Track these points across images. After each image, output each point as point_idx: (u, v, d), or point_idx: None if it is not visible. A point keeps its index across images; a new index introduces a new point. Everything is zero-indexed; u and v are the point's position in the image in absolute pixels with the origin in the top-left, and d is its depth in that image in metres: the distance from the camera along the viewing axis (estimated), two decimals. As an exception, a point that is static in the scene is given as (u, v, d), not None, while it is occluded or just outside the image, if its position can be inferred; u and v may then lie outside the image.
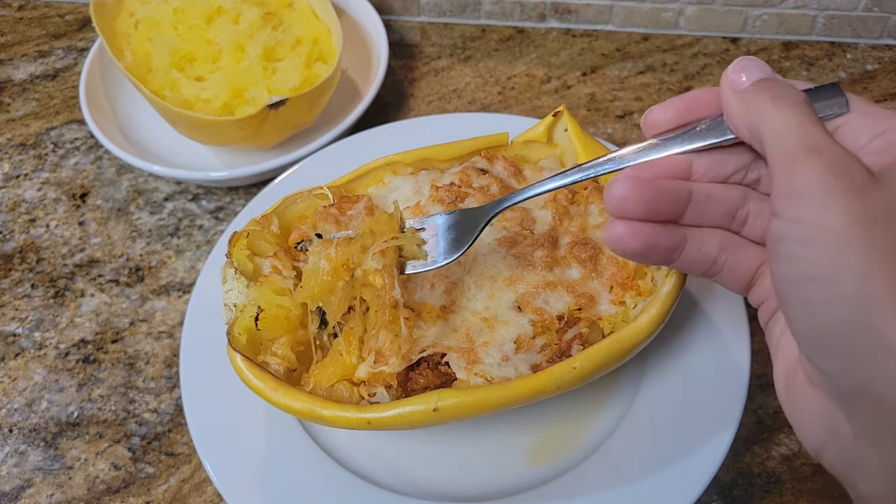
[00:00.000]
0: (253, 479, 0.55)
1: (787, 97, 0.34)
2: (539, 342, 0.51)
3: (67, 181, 0.82)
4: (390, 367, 0.49)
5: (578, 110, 0.85)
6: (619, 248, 0.38)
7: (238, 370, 0.51)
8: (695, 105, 0.39)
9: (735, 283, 0.40)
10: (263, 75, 0.75)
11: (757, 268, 0.39)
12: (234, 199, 0.79)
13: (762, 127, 0.34)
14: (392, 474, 0.56)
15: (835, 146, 0.32)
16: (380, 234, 0.51)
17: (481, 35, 0.93)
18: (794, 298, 0.32)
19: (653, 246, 0.38)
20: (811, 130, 0.33)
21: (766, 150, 0.34)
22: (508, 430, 0.58)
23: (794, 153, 0.32)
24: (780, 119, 0.33)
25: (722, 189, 0.39)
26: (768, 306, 0.39)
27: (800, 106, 0.34)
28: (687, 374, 0.57)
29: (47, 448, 0.63)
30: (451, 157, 0.62)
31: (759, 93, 0.35)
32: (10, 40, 0.97)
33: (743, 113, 0.35)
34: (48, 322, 0.71)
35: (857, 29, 0.88)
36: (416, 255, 0.51)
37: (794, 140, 0.32)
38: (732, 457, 0.59)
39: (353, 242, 0.51)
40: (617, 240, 0.38)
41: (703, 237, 0.39)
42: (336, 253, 0.51)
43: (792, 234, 0.32)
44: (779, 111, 0.34)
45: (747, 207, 0.39)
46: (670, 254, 0.38)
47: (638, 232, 0.37)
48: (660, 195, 0.37)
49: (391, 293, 0.49)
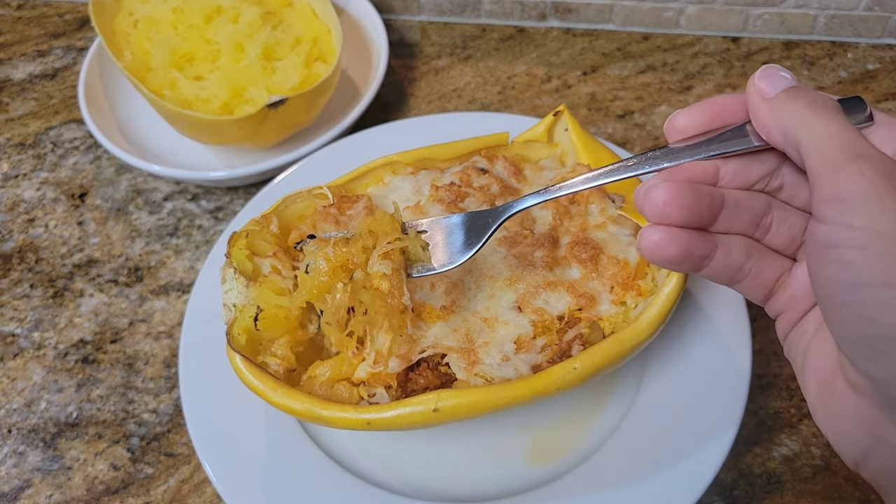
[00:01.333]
0: (253, 479, 0.54)
1: (824, 104, 0.34)
2: (539, 342, 0.51)
3: (66, 181, 0.82)
4: (390, 368, 0.49)
5: (579, 110, 0.84)
6: (655, 256, 0.37)
7: (237, 370, 0.50)
8: (720, 110, 0.39)
9: (756, 292, 0.39)
10: (263, 75, 0.75)
11: (778, 277, 0.39)
12: (233, 198, 0.79)
13: (800, 133, 0.34)
14: (392, 474, 0.56)
15: (879, 153, 0.32)
16: (382, 235, 0.49)
17: (481, 34, 0.93)
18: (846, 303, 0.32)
19: (689, 253, 0.37)
20: (853, 137, 0.33)
21: (806, 156, 0.34)
22: (508, 430, 0.58)
23: (840, 159, 0.32)
24: (820, 126, 0.33)
25: (748, 196, 0.38)
26: (789, 317, 0.39)
27: (838, 113, 0.34)
28: (687, 375, 0.57)
29: (46, 448, 0.63)
30: (451, 156, 0.62)
31: (794, 100, 0.35)
32: (9, 40, 0.97)
33: (777, 120, 0.35)
34: (47, 322, 0.71)
35: (858, 28, 0.88)
36: (419, 258, 0.49)
37: (838, 146, 0.33)
38: (733, 457, 0.59)
39: (353, 242, 0.49)
40: (655, 246, 0.37)
41: (732, 244, 0.38)
42: (334, 253, 0.49)
43: (844, 238, 0.32)
44: (818, 118, 0.34)
45: (771, 216, 0.39)
46: (702, 261, 0.38)
47: (676, 238, 0.37)
48: (700, 200, 0.37)
49: (401, 299, 0.48)
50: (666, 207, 0.36)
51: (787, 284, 0.39)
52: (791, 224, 0.38)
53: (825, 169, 0.33)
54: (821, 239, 0.33)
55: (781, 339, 0.40)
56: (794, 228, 0.38)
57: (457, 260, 0.48)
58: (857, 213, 0.31)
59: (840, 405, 0.35)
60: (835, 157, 0.32)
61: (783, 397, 0.62)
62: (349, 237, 0.50)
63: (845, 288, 0.32)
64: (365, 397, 0.50)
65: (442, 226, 0.50)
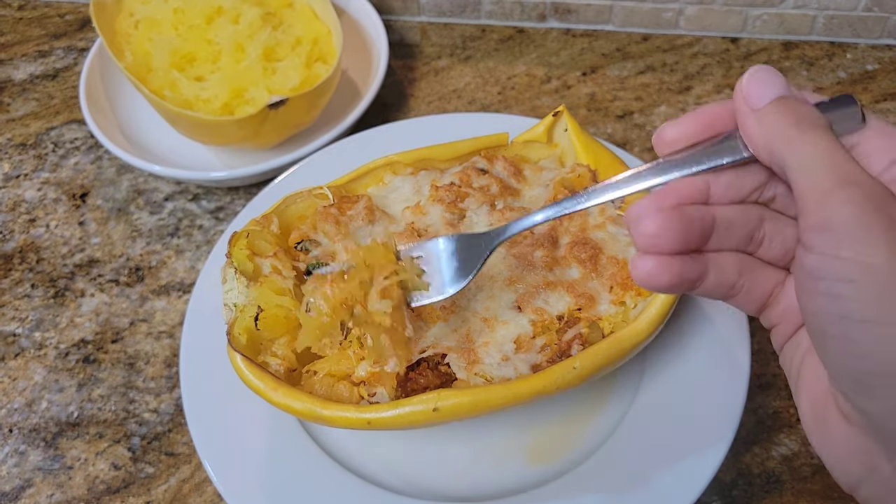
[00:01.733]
0: (253, 479, 0.55)
1: (812, 122, 0.33)
2: (539, 342, 0.51)
3: (67, 181, 0.82)
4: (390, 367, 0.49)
5: (578, 110, 0.85)
6: (648, 285, 0.37)
7: (238, 370, 0.51)
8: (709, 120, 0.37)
9: (749, 305, 0.38)
10: (263, 75, 0.75)
11: (771, 290, 0.38)
12: (234, 199, 0.79)
13: (787, 156, 0.33)
14: (392, 474, 0.56)
15: (869, 178, 0.31)
16: (377, 268, 0.48)
17: (481, 35, 0.93)
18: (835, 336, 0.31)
19: (682, 279, 0.36)
20: (843, 161, 0.31)
21: (793, 181, 0.33)
22: (508, 430, 0.58)
23: (828, 186, 0.31)
24: (808, 149, 0.32)
25: (741, 212, 0.37)
26: (783, 330, 0.38)
27: (827, 133, 0.32)
28: (687, 374, 0.57)
29: (47, 448, 0.63)
30: (451, 157, 0.62)
31: (781, 115, 0.33)
32: (10, 40, 0.97)
33: (763, 136, 0.34)
34: (48, 322, 0.71)
35: (857, 29, 0.88)
36: (417, 287, 0.49)
37: (826, 171, 0.31)
38: (732, 457, 0.59)
39: (350, 278, 0.48)
40: (648, 276, 0.36)
41: (723, 263, 0.37)
42: (332, 291, 0.48)
43: (832, 271, 0.31)
44: (806, 139, 0.32)
45: (763, 229, 0.38)
46: (694, 284, 0.37)
47: (667, 267, 0.36)
48: (690, 227, 0.35)
49: (403, 333, 0.48)
50: (655, 238, 0.35)
51: (780, 298, 0.38)
52: (784, 237, 0.37)
53: (813, 195, 0.31)
54: (808, 270, 0.32)
55: (777, 350, 0.40)
56: (787, 241, 0.37)
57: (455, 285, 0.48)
58: (846, 243, 0.30)
59: (832, 432, 0.34)
60: (822, 183, 0.31)
61: (782, 397, 0.62)
62: (346, 270, 0.48)
63: (834, 320, 0.31)
64: (365, 397, 0.50)
65: (436, 250, 0.49)
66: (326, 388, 0.51)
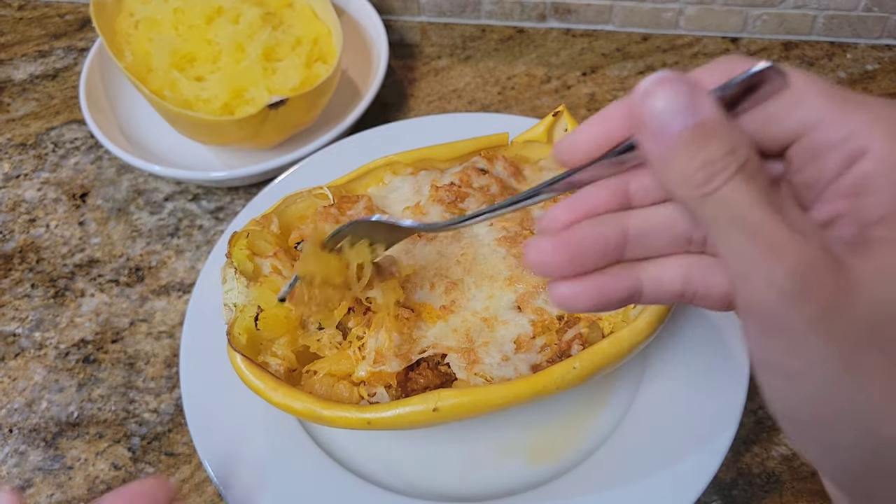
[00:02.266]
0: (253, 478, 0.55)
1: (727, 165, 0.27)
2: (539, 342, 0.51)
3: (67, 181, 0.82)
4: (390, 367, 0.49)
5: (578, 110, 0.85)
6: (571, 310, 0.34)
7: (238, 370, 0.51)
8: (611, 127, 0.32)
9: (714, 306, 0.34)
10: (263, 75, 0.75)
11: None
12: (234, 199, 0.79)
13: (699, 213, 0.29)
14: (392, 474, 0.56)
15: (794, 240, 0.26)
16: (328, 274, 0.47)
17: (481, 35, 0.93)
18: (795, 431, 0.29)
19: (606, 299, 0.33)
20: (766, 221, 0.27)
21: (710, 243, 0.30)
22: (508, 430, 0.58)
23: (748, 260, 0.27)
24: (723, 211, 0.27)
25: (666, 213, 0.32)
26: None
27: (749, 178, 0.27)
28: (687, 374, 0.57)
29: (47, 448, 0.63)
30: (451, 157, 0.62)
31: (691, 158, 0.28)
32: (10, 40, 0.97)
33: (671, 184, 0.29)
34: (48, 322, 0.71)
35: (857, 29, 0.88)
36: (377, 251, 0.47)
37: (746, 240, 0.27)
38: (732, 457, 0.59)
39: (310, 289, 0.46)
40: (566, 301, 0.33)
41: (660, 274, 0.33)
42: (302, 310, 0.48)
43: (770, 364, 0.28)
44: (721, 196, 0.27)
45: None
46: (628, 301, 0.34)
47: (585, 289, 0.32)
48: (582, 250, 0.32)
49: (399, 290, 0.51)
50: (544, 268, 0.32)
51: None
52: None
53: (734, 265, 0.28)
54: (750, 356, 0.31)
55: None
56: None
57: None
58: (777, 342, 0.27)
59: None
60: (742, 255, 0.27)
61: (782, 397, 0.62)
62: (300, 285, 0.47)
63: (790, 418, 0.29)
64: (365, 397, 0.50)
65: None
66: (326, 388, 0.51)
